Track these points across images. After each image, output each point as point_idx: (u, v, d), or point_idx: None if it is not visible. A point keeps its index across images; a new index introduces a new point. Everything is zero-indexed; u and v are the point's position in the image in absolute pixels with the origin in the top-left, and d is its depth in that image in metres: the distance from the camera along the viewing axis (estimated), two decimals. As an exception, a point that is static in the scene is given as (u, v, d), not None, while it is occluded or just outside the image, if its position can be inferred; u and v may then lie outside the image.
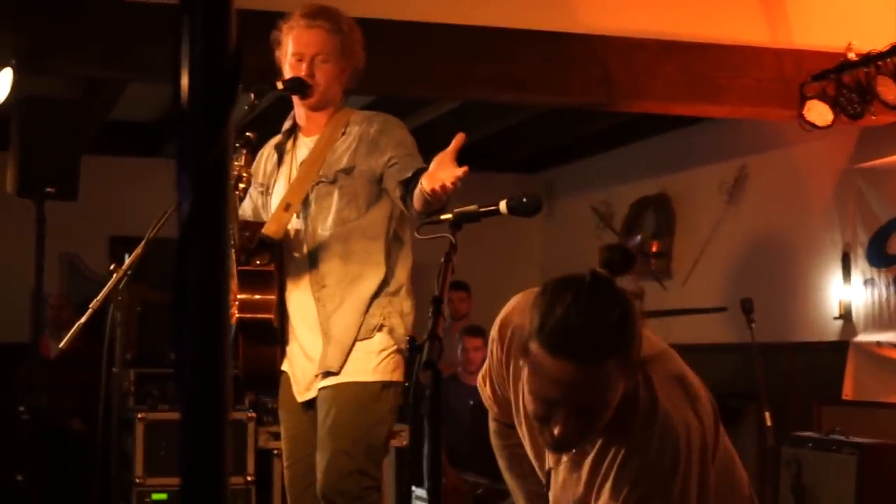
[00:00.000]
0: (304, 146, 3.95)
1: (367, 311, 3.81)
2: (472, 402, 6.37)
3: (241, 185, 3.65)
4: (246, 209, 4.02)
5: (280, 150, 4.01)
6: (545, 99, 6.74)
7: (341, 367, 3.79)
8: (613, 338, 2.33)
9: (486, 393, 2.88)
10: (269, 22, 3.97)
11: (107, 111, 8.27)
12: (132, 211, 6.99)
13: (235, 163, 3.64)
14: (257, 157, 4.04)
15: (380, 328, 3.81)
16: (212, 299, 1.10)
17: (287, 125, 4.01)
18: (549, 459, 2.65)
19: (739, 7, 6.36)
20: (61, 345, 3.50)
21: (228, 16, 1.12)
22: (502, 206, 2.85)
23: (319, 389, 3.83)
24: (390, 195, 3.79)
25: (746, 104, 6.37)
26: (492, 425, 2.95)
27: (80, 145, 6.43)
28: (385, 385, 3.80)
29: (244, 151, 3.66)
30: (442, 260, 2.75)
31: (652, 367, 2.50)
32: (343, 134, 3.87)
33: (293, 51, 3.82)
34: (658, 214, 8.73)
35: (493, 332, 2.73)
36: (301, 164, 3.92)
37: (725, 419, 2.67)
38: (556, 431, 2.36)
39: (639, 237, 8.64)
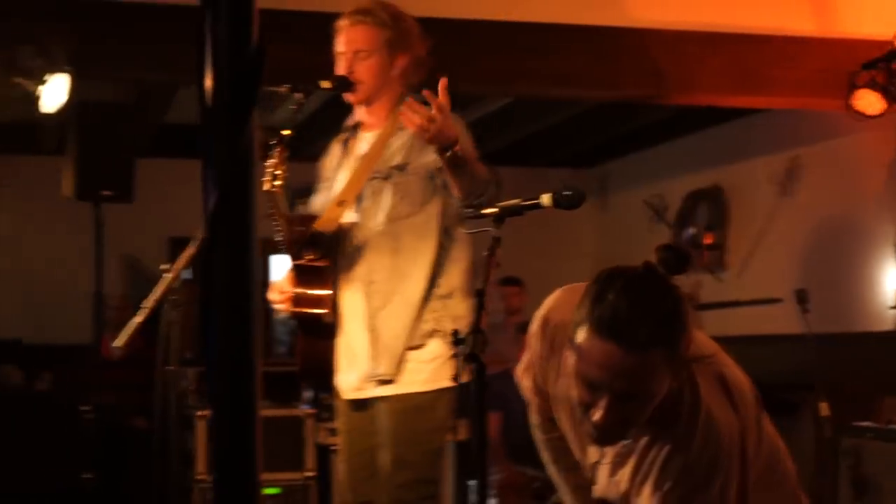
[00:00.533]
0: (364, 141, 3.94)
1: (417, 315, 3.77)
2: (527, 396, 6.36)
3: (278, 183, 3.64)
4: (317, 204, 4.01)
5: (344, 146, 4.01)
6: (595, 94, 6.73)
7: (394, 377, 3.77)
8: (662, 328, 2.34)
9: (526, 384, 2.87)
10: (321, 22, 3.99)
11: (161, 115, 8.35)
12: (188, 212, 7.02)
13: (270, 160, 3.62)
14: (325, 153, 4.07)
15: (432, 334, 3.77)
16: (238, 290, 1.12)
17: (351, 121, 4.00)
18: (593, 455, 2.65)
19: (788, -1, 6.32)
20: (117, 343, 3.54)
21: (250, 16, 1.14)
22: (545, 199, 2.84)
23: (375, 398, 3.83)
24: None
25: (796, 95, 6.32)
26: (533, 419, 2.95)
27: (136, 148, 6.51)
28: (441, 392, 3.75)
29: (278, 149, 3.64)
30: (485, 254, 2.76)
31: (698, 368, 2.50)
32: (400, 129, 3.82)
33: (338, 50, 3.84)
34: (711, 207, 8.68)
35: (534, 327, 2.73)
36: (358, 159, 3.93)
37: (782, 411, 2.66)
38: (597, 417, 2.37)
39: (692, 230, 8.60)
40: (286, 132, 3.63)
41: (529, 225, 4.00)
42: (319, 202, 4.04)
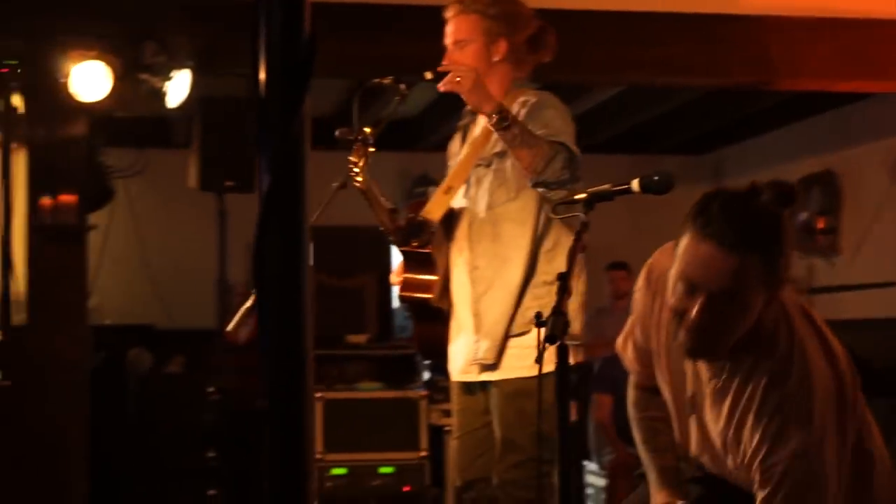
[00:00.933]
0: (478, 126, 3.95)
1: (518, 302, 3.77)
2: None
3: (360, 179, 3.63)
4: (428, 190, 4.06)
5: (463, 132, 4.04)
6: (704, 81, 6.65)
7: (495, 361, 3.78)
8: (760, 236, 2.45)
9: (627, 355, 2.92)
10: (429, 15, 4.00)
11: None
12: (311, 202, 7.12)
13: (350, 157, 3.63)
14: (450, 143, 4.10)
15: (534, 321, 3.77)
16: (290, 271, 1.13)
17: (469, 106, 3.98)
18: (690, 385, 2.67)
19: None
20: (229, 328, 3.60)
21: (302, 10, 1.15)
22: (634, 184, 2.84)
23: (482, 382, 3.86)
24: None
25: (905, 78, 6.17)
26: (631, 395, 2.95)
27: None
28: (546, 375, 3.77)
29: (356, 146, 3.63)
30: (573, 238, 2.75)
31: (794, 312, 2.58)
32: None
33: (444, 40, 3.86)
34: (824, 191, 8.51)
35: (639, 282, 2.81)
36: (468, 145, 3.94)
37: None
38: (693, 314, 2.45)
39: (805, 214, 8.44)
40: (369, 129, 3.63)
41: (640, 213, 4.00)
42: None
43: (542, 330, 2.63)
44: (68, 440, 5.31)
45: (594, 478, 7.34)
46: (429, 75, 3.75)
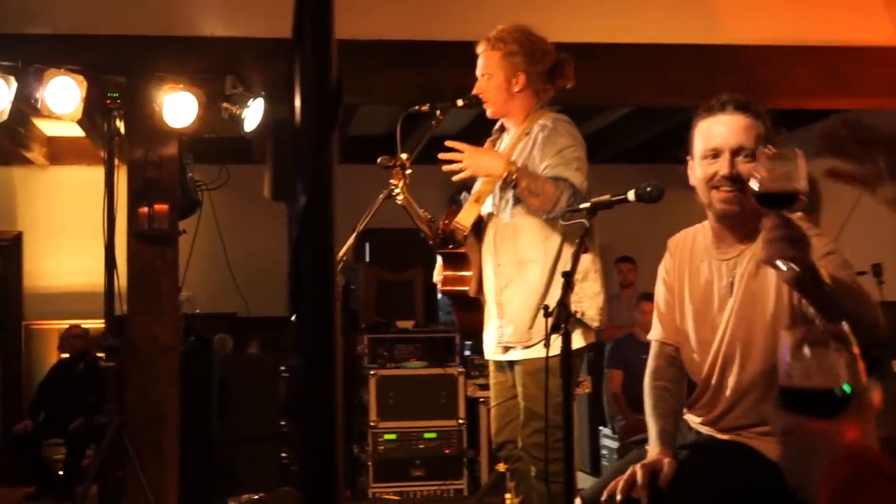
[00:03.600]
0: (504, 143, 3.95)
1: (543, 296, 3.73)
2: (645, 357, 6.26)
3: (400, 197, 3.65)
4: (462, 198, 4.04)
5: (492, 147, 4.01)
6: (699, 101, 6.59)
7: (517, 345, 3.78)
8: (759, 108, 2.68)
9: (657, 334, 2.97)
10: (463, 50, 3.98)
11: (345, 127, 8.48)
12: (367, 208, 7.14)
13: (391, 180, 3.63)
14: None
15: (574, 312, 3.67)
16: (322, 282, 1.12)
17: (497, 125, 4.01)
18: (721, 277, 2.73)
19: (867, 11, 6.12)
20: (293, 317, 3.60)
21: (330, 49, 1.15)
22: (630, 195, 2.83)
23: (510, 361, 3.86)
24: None
25: (873, 97, 6.11)
26: (650, 365, 2.94)
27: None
28: (558, 356, 3.74)
29: (395, 170, 3.63)
30: (577, 241, 2.74)
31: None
32: (527, 135, 3.81)
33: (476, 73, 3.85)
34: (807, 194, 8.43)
35: (664, 261, 2.90)
36: None
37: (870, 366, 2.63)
38: (722, 170, 2.62)
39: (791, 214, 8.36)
40: (405, 155, 3.63)
41: (646, 214, 3.96)
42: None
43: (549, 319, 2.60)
44: (164, 411, 5.35)
45: (608, 441, 7.32)
46: (461, 102, 3.76)
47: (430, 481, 6.58)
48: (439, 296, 7.53)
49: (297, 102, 1.14)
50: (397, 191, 3.63)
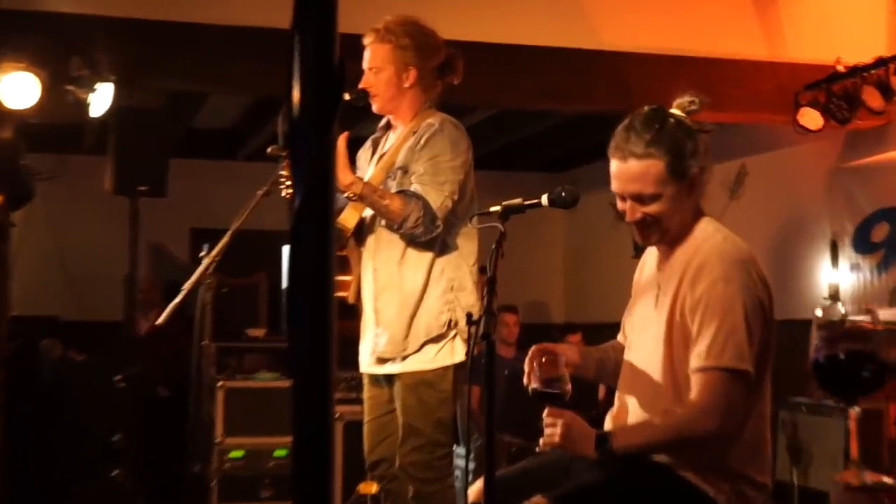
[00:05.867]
0: (388, 142, 3.90)
1: (418, 304, 3.70)
2: (506, 372, 6.35)
3: (290, 191, 3.54)
4: (339, 200, 3.82)
5: (374, 145, 3.97)
6: (571, 107, 6.75)
7: (395, 357, 3.73)
8: (655, 143, 2.67)
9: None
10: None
11: (191, 119, 8.33)
12: (212, 206, 7.03)
13: (281, 171, 3.51)
14: (359, 151, 4.00)
15: (449, 323, 3.71)
16: (321, 274, 1.12)
17: (383, 122, 3.95)
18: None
19: (741, 26, 6.36)
20: (159, 321, 3.52)
21: (333, 37, 1.14)
22: (544, 199, 2.86)
23: (387, 375, 3.81)
24: None
25: (747, 111, 6.36)
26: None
27: (168, 149, 6.48)
28: (445, 368, 3.71)
29: (286, 161, 3.47)
30: (493, 246, 2.77)
31: (723, 235, 2.80)
32: (414, 133, 3.76)
33: (362, 66, 3.81)
34: (669, 208, 8.70)
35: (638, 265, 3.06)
36: (378, 159, 3.88)
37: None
38: (627, 216, 2.75)
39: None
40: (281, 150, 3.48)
41: (509, 223, 3.99)
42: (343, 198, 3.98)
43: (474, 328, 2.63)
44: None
45: (459, 460, 7.33)
46: (347, 97, 3.69)
47: (280, 502, 6.47)
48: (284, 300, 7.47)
49: (296, 92, 1.13)
50: (289, 183, 3.49)
